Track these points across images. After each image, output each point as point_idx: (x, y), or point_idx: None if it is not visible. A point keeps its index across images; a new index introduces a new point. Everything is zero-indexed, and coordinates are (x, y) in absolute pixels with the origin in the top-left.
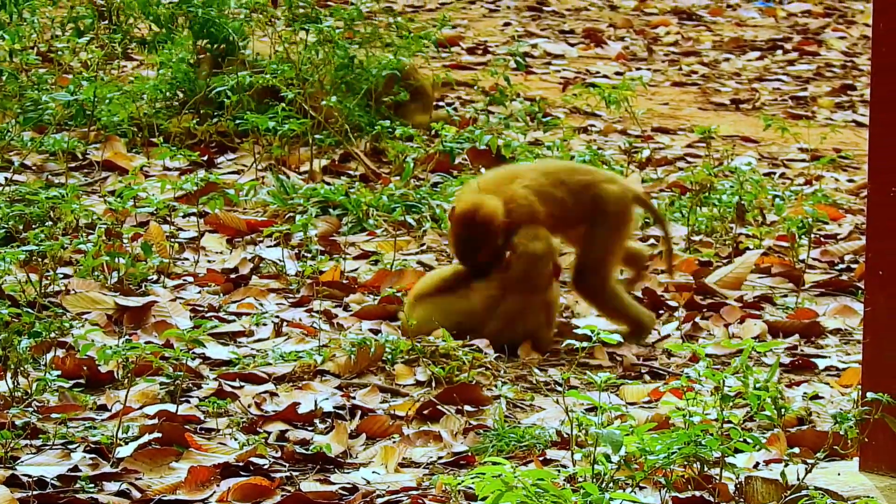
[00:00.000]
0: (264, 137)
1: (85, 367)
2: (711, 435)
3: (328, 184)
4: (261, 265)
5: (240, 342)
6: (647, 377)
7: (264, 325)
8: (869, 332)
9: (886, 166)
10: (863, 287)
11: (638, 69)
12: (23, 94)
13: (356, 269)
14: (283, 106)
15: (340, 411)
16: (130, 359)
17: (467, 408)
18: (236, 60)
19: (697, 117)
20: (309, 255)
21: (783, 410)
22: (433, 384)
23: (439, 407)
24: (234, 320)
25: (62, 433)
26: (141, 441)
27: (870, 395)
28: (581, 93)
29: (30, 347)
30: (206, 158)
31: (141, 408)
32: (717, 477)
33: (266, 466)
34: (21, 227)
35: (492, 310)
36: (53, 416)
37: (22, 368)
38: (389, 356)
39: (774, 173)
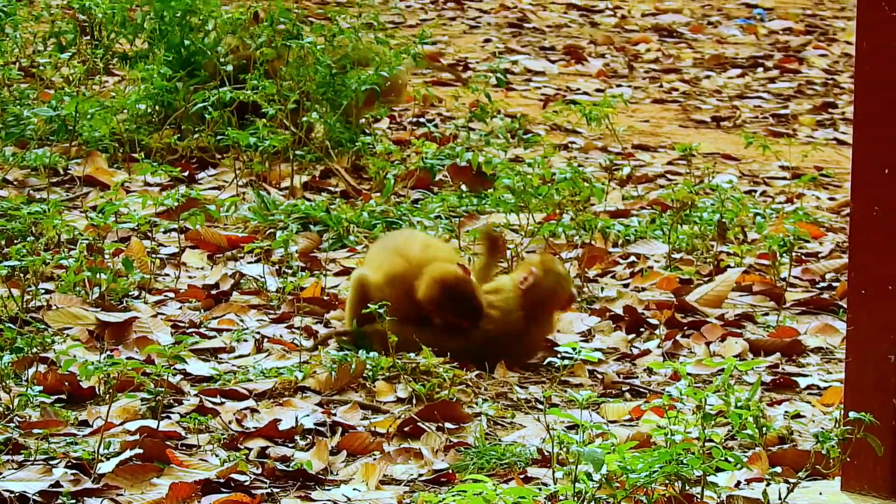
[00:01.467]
0: (245, 153)
1: (66, 383)
2: (693, 453)
3: (309, 200)
4: (241, 281)
5: (221, 358)
6: (628, 395)
7: (245, 341)
8: (851, 350)
9: (870, 181)
10: (844, 305)
11: (619, 86)
12: (4, 109)
13: (337, 286)
14: (263, 122)
15: (321, 428)
16: (112, 374)
17: (448, 425)
18: (217, 76)
19: (678, 135)
20: (290, 272)
21: (765, 429)
22: (414, 401)
23: (420, 424)
24: (215, 336)
25: (44, 449)
26: (122, 457)
27: (852, 414)
28: (562, 110)
29: (11, 363)
30: (186, 174)
31: (122, 424)
32: (699, 496)
33: (247, 483)
34: (3, 243)
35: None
36: (35, 431)
37: (4, 384)
38: (370, 373)
39: (756, 191)
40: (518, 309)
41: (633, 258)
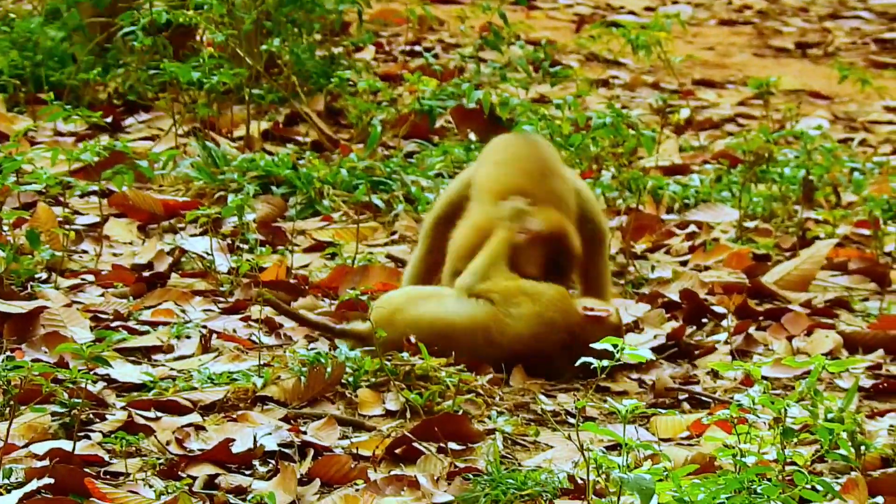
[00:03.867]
0: (186, 93)
1: None
2: (770, 480)
3: (270, 153)
4: (183, 260)
5: (155, 360)
6: (685, 405)
7: (187, 337)
8: None
9: None
10: None
11: (675, 3)
12: None
13: (307, 265)
14: (210, 51)
15: (287, 450)
16: (13, 382)
17: (452, 445)
18: None
19: (752, 66)
20: (245, 247)
21: (863, 448)
22: (408, 415)
23: (416, 444)
24: (149, 332)
25: None
26: (27, 489)
27: None
28: (600, 34)
29: None
30: (110, 120)
31: (27, 445)
32: None
33: None
34: None
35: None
36: None
37: None
38: (351, 378)
39: (852, 139)
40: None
41: (693, 228)
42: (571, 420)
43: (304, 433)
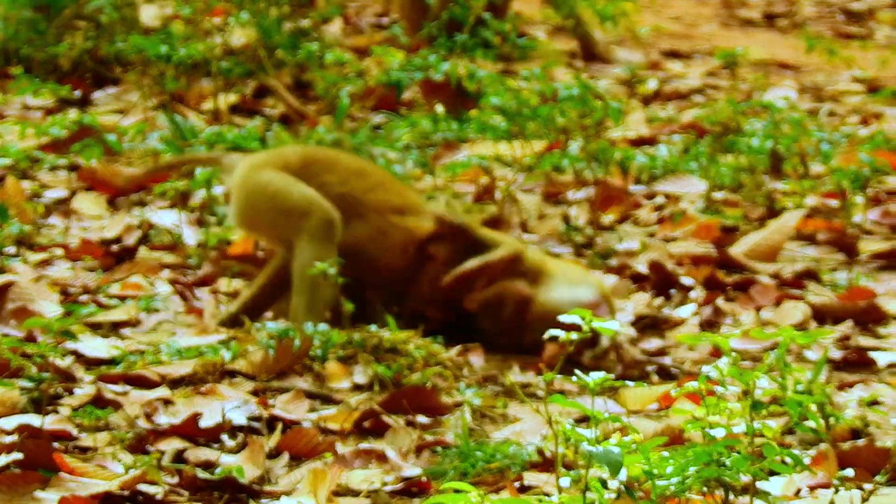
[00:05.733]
0: (154, 66)
1: None
2: (739, 453)
3: (238, 126)
4: (151, 233)
5: (124, 334)
6: (654, 377)
7: (156, 311)
8: None
9: None
10: None
11: None
12: None
13: None
14: (178, 24)
15: (255, 423)
16: None
17: (421, 418)
18: None
19: (719, 37)
20: (213, 220)
21: (832, 420)
22: (376, 388)
23: (384, 418)
24: (117, 305)
25: None
26: None
27: None
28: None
29: None
30: (79, 94)
31: None
32: None
33: (159, 496)
34: None
35: None
36: None
37: None
38: (319, 351)
39: (820, 109)
40: None
41: (660, 199)
42: (540, 393)
43: (273, 406)
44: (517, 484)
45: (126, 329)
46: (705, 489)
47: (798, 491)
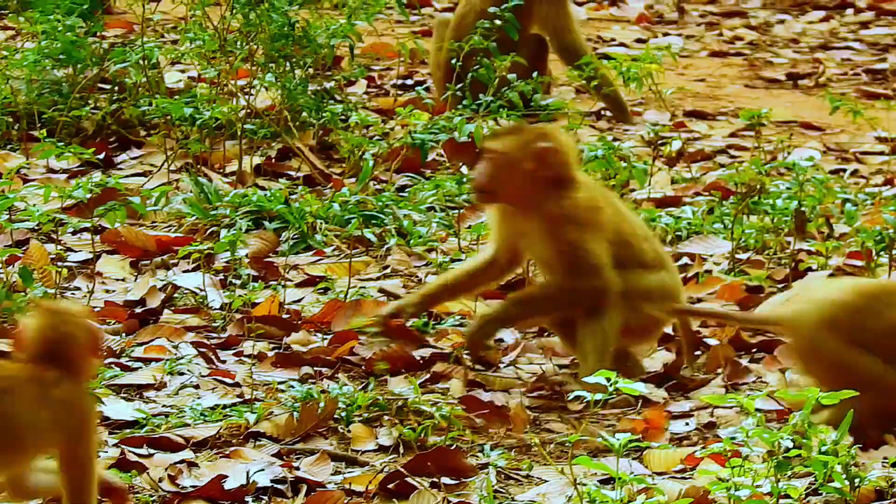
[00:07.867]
0: (179, 129)
1: None
2: None
3: (262, 188)
4: (175, 296)
5: (148, 397)
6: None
7: (180, 374)
8: None
9: None
10: None
11: (666, 35)
12: None
13: (300, 300)
14: (203, 86)
15: (280, 486)
16: None
17: (445, 480)
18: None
19: (743, 97)
20: (238, 283)
21: (857, 481)
22: (401, 449)
23: (409, 479)
24: (141, 368)
25: None
26: None
27: None
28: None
29: None
30: (102, 157)
31: None
32: None
33: None
34: None
35: None
36: None
37: None
38: (344, 413)
39: (844, 170)
40: None
41: (685, 259)
42: (564, 453)
43: (297, 469)
44: None
45: (150, 392)
46: None
47: None
